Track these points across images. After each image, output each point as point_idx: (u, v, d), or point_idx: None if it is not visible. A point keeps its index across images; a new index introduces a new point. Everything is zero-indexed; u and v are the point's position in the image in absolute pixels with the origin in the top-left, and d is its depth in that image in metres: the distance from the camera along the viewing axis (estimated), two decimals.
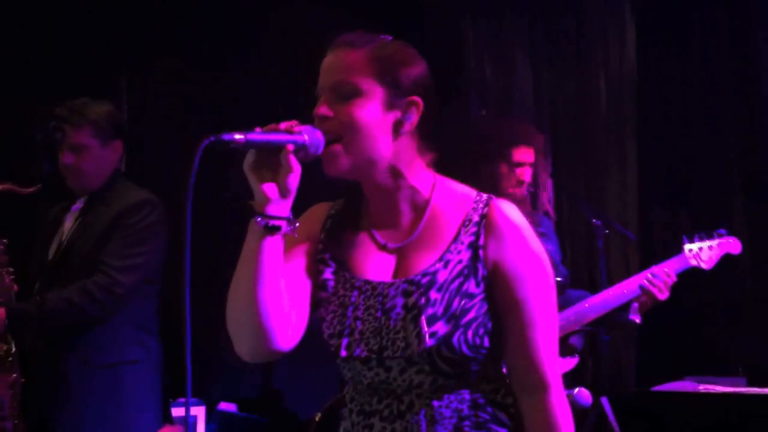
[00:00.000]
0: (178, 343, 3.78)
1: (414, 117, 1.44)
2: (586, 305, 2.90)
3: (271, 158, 1.37)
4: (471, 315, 1.40)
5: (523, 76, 4.27)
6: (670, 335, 3.99)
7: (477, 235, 1.43)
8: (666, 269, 2.89)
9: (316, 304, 1.48)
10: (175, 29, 4.05)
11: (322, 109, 1.41)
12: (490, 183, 2.85)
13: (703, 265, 2.96)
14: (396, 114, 1.43)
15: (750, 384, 3.18)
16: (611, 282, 3.06)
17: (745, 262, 3.71)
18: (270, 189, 1.37)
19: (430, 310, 1.39)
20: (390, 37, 1.48)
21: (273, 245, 1.38)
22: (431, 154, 1.49)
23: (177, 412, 3.20)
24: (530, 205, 2.98)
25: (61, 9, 3.85)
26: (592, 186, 4.22)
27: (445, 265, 1.42)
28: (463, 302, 1.40)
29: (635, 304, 2.91)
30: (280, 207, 1.37)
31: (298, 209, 1.45)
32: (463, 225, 1.44)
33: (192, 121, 4.23)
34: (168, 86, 4.03)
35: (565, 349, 2.90)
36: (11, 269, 2.76)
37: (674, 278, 2.88)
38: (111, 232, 2.61)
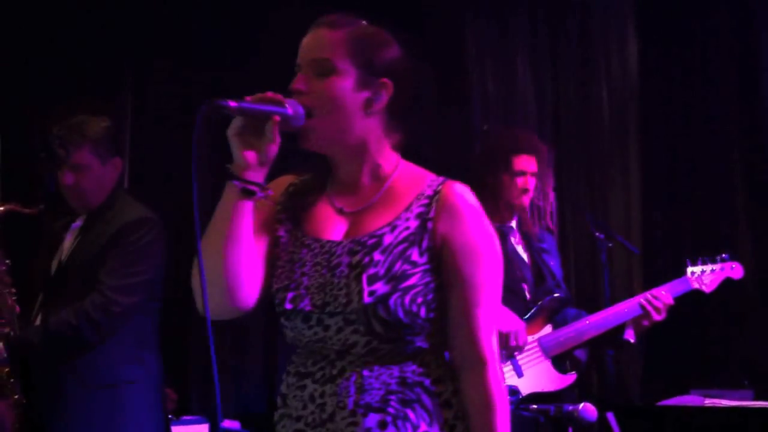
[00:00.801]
0: (179, 358, 3.76)
1: (384, 98, 1.52)
2: (587, 322, 2.90)
3: (255, 126, 1.45)
4: (411, 281, 1.46)
5: (525, 84, 4.27)
6: (674, 349, 3.97)
7: (428, 207, 1.50)
8: (667, 291, 2.91)
9: (271, 262, 1.56)
10: (179, 29, 4.06)
11: (299, 84, 1.50)
12: (493, 194, 2.87)
13: (705, 288, 3.01)
14: (367, 93, 1.51)
15: (757, 397, 3.16)
16: (614, 295, 3.06)
17: (750, 272, 3.69)
18: (250, 155, 1.46)
19: (372, 270, 1.46)
20: (367, 22, 1.56)
21: (245, 208, 1.47)
22: (398, 135, 1.57)
23: (177, 430, 3.18)
24: (536, 218, 2.97)
25: (65, 10, 3.86)
26: (596, 195, 4.21)
27: (392, 230, 1.49)
28: (405, 267, 1.46)
29: (630, 326, 2.92)
30: (257, 173, 1.47)
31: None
32: (416, 198, 1.52)
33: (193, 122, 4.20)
34: (171, 86, 4.03)
35: (565, 365, 2.90)
36: (14, 290, 2.75)
37: (672, 301, 2.90)
38: (108, 251, 2.58)
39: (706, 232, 3.58)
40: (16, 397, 2.59)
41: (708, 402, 2.53)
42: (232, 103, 1.41)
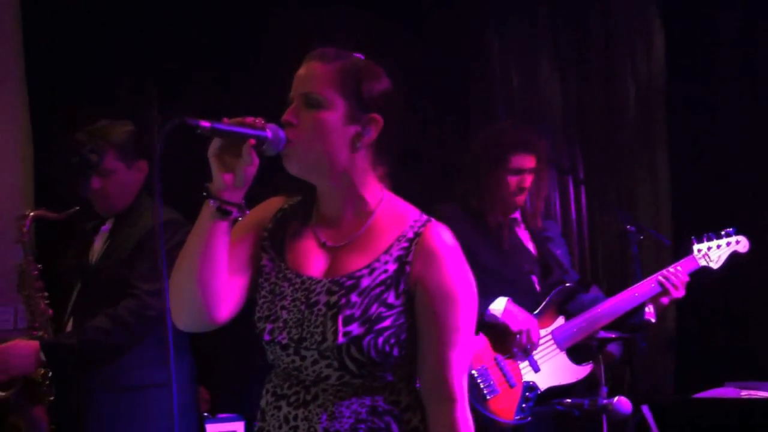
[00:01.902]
0: (211, 355, 3.77)
1: (372, 133, 1.55)
2: (598, 311, 2.89)
3: (233, 148, 1.49)
4: (386, 323, 1.50)
5: (550, 84, 4.25)
6: (707, 342, 3.94)
7: (407, 251, 1.53)
8: (678, 269, 2.90)
9: (254, 286, 1.61)
10: (208, 40, 4.09)
11: (288, 116, 1.54)
12: (489, 190, 2.85)
13: (713, 265, 2.99)
14: (356, 128, 1.54)
15: None
16: None
17: None
18: (227, 177, 1.49)
19: (348, 311, 1.50)
20: (362, 56, 1.59)
21: (221, 227, 1.51)
22: (384, 168, 1.60)
23: (212, 429, 3.20)
24: (531, 213, 2.96)
25: (98, 20, 3.91)
26: (624, 193, 4.18)
27: (371, 273, 1.53)
28: (380, 310, 1.50)
29: (650, 305, 2.90)
30: (234, 194, 1.51)
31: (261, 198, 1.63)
32: (397, 239, 1.55)
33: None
34: (199, 96, 4.06)
35: (580, 355, 2.88)
36: (46, 294, 2.79)
37: (687, 277, 2.91)
38: (137, 255, 2.60)
39: (736, 224, 3.53)
40: (51, 399, 2.63)
41: (744, 394, 2.51)
42: (205, 123, 1.45)
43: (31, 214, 2.79)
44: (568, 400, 2.67)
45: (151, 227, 2.63)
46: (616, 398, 2.56)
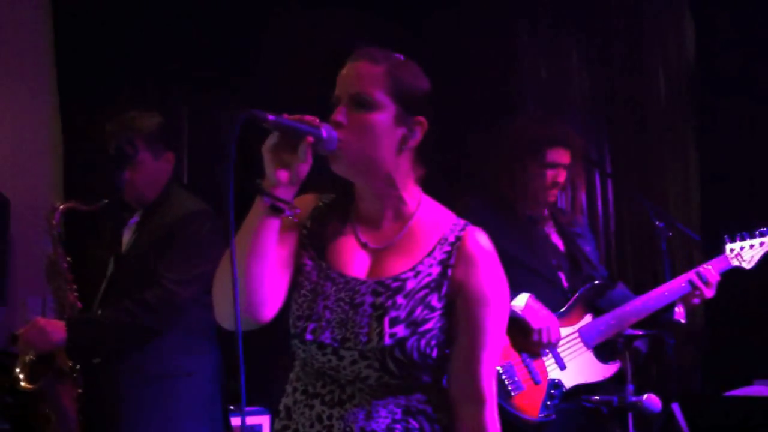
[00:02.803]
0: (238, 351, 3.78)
1: (418, 136, 1.56)
2: (627, 309, 2.85)
3: (289, 145, 1.48)
4: (429, 325, 1.52)
5: (579, 75, 4.21)
6: (735, 340, 3.89)
7: (449, 254, 1.55)
8: (709, 268, 2.87)
9: (293, 284, 1.60)
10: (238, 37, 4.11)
11: (339, 116, 1.53)
12: (523, 183, 2.83)
13: (745, 265, 2.95)
14: (403, 130, 1.55)
15: None
16: None
17: None
18: (282, 173, 1.49)
19: (393, 313, 1.51)
20: (402, 56, 1.60)
21: (272, 224, 1.51)
22: (421, 170, 1.61)
23: (237, 421, 3.20)
24: (566, 210, 2.94)
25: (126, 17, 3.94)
26: (653, 187, 4.14)
27: (416, 275, 1.54)
28: (424, 312, 1.52)
29: (680, 305, 2.87)
30: (286, 191, 1.50)
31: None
32: (439, 243, 1.56)
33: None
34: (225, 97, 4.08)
35: (607, 354, 2.86)
36: (75, 286, 2.81)
37: (719, 277, 2.87)
38: (166, 244, 2.61)
39: (766, 218, 3.49)
40: (80, 390, 2.65)
41: None
42: (271, 117, 1.45)
43: (61, 206, 2.81)
44: (597, 397, 2.65)
45: (180, 217, 2.64)
46: (645, 395, 2.54)
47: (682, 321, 2.91)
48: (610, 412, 2.63)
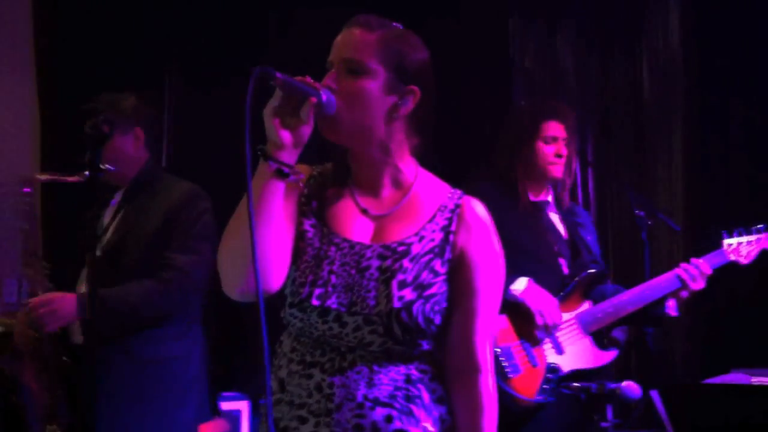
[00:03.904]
0: (221, 334, 3.78)
1: (410, 104, 1.56)
2: (624, 298, 2.87)
3: (290, 107, 1.47)
4: (433, 290, 1.53)
5: (567, 61, 4.22)
6: (713, 329, 3.92)
7: (450, 220, 1.57)
8: (703, 262, 2.87)
9: (294, 252, 1.57)
10: (216, 29, 4.08)
11: (330, 80, 1.52)
12: (526, 161, 2.86)
13: (742, 260, 2.97)
14: (394, 98, 1.54)
15: None
16: (655, 273, 3.03)
17: None
18: (285, 136, 1.47)
19: (401, 276, 1.51)
20: (401, 26, 1.59)
21: (278, 189, 1.49)
22: (417, 140, 1.61)
23: (223, 406, 3.19)
24: (561, 189, 2.95)
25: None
26: (641, 177, 4.15)
27: (420, 240, 1.55)
28: (429, 276, 1.53)
29: (672, 299, 2.89)
30: (290, 155, 1.48)
31: None
32: (439, 210, 1.58)
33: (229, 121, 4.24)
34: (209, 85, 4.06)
35: (606, 342, 2.88)
36: (47, 265, 2.76)
37: (710, 270, 2.88)
38: (169, 228, 2.60)
39: (751, 210, 3.51)
40: (64, 358, 2.59)
41: (755, 380, 2.50)
42: (279, 75, 1.43)
43: (43, 177, 2.74)
44: (576, 384, 2.66)
45: (178, 199, 2.64)
46: (624, 382, 2.55)
47: (673, 314, 2.93)
48: (588, 398, 2.64)
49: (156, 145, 2.88)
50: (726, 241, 2.98)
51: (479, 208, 1.60)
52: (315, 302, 1.51)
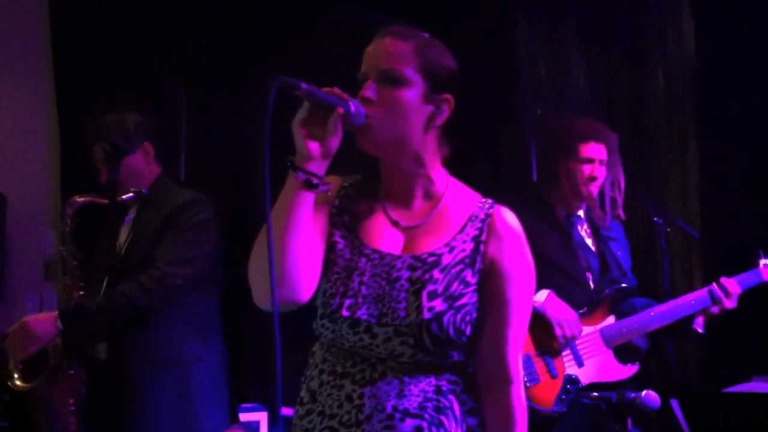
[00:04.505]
0: (238, 344, 3.80)
1: (446, 113, 1.57)
2: (652, 314, 2.85)
3: (319, 119, 1.47)
4: (464, 300, 1.52)
5: (578, 71, 4.20)
6: (733, 336, 3.88)
7: (480, 230, 1.56)
8: (735, 283, 2.85)
9: (325, 263, 1.57)
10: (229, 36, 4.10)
11: (368, 92, 1.52)
12: (560, 181, 2.84)
13: None
14: (431, 108, 1.55)
15: None
16: (673, 280, 3.01)
17: None
18: (314, 147, 1.47)
19: (431, 287, 1.51)
20: (428, 35, 1.59)
21: (307, 200, 1.49)
22: (446, 150, 1.61)
23: (243, 417, 3.20)
24: (599, 207, 2.93)
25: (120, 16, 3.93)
26: (652, 183, 4.13)
27: (450, 251, 1.55)
28: (460, 287, 1.52)
29: (700, 316, 2.87)
30: (319, 166, 1.49)
31: None
32: (470, 220, 1.57)
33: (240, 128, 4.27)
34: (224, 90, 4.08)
35: (627, 356, 2.85)
36: (83, 284, 2.78)
37: (739, 289, 2.87)
38: (163, 231, 2.64)
39: (766, 215, 3.49)
40: (71, 372, 2.63)
41: None
42: (304, 85, 1.43)
43: (81, 200, 2.77)
44: (595, 393, 2.65)
45: (176, 204, 2.67)
46: (644, 392, 2.54)
47: (700, 331, 2.91)
48: (608, 408, 2.63)
49: (169, 157, 2.91)
50: (763, 261, 2.95)
51: (510, 218, 1.59)
52: (345, 313, 1.52)
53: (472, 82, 4.40)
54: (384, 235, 1.58)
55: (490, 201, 1.61)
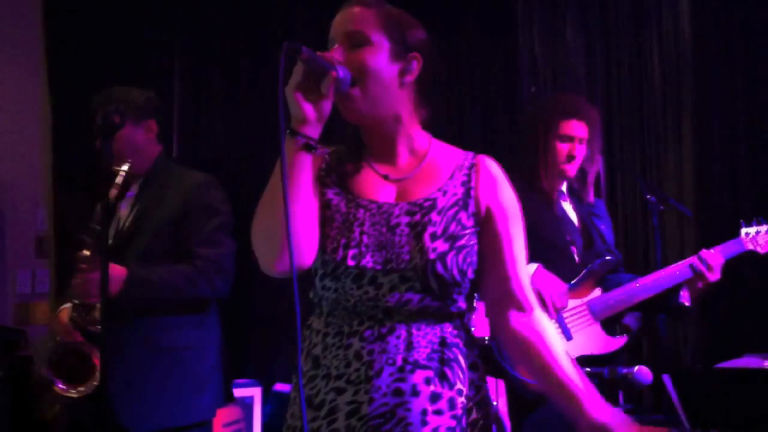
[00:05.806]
0: (234, 322, 3.80)
1: (415, 69, 1.60)
2: (637, 285, 2.86)
3: (311, 83, 1.50)
4: (463, 242, 1.56)
5: (576, 50, 4.19)
6: (726, 313, 3.91)
7: (468, 176, 1.63)
8: (718, 252, 2.85)
9: (322, 222, 1.59)
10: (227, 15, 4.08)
11: (336, 54, 1.55)
12: (538, 156, 2.84)
13: (759, 249, 2.94)
14: (399, 65, 1.58)
15: None
16: (666, 259, 3.02)
17: None
18: (309, 110, 1.50)
19: (431, 229, 1.55)
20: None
21: (306, 162, 1.52)
22: (425, 111, 1.65)
23: (238, 392, 3.20)
24: (579, 183, 2.93)
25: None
26: (648, 162, 4.14)
27: (444, 194, 1.60)
28: (457, 228, 1.57)
29: (686, 288, 2.87)
30: (314, 129, 1.52)
31: None
32: (457, 168, 1.64)
33: (238, 105, 4.26)
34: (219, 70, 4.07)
35: (617, 329, 2.87)
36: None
37: (723, 261, 2.85)
38: (188, 219, 2.63)
39: (761, 195, 3.49)
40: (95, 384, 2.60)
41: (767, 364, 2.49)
42: (305, 49, 1.47)
43: (125, 167, 2.68)
44: (587, 369, 2.65)
45: (194, 188, 2.67)
46: (636, 368, 2.54)
47: (687, 304, 2.91)
48: (600, 383, 2.64)
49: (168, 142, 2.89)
50: (744, 230, 2.95)
51: (493, 165, 1.66)
52: (350, 263, 1.53)
53: (469, 62, 4.40)
54: (376, 187, 1.62)
55: (472, 152, 1.67)
